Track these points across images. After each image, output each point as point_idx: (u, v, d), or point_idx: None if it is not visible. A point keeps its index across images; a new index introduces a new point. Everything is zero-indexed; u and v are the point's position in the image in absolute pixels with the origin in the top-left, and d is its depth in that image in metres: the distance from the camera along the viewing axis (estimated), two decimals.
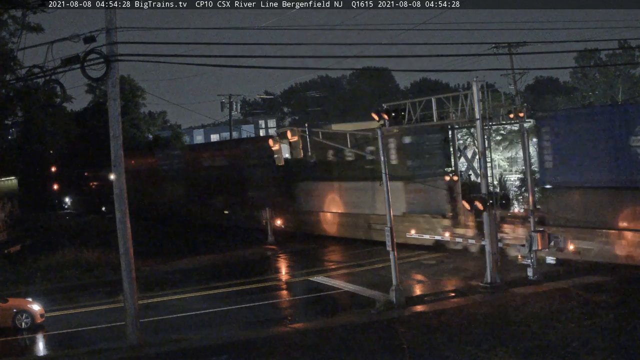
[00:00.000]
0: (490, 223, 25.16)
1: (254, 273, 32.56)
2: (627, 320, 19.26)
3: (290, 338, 21.14)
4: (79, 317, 25.94)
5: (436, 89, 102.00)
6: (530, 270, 25.77)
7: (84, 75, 19.64)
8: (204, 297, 27.97)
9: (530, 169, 26.86)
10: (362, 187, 37.64)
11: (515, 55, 52.10)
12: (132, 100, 73.09)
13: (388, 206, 24.25)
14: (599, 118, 27.84)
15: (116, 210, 20.91)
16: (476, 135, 26.11)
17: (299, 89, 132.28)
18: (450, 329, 20.13)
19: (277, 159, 27.07)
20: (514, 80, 54.79)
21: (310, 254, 37.21)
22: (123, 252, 20.87)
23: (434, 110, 26.63)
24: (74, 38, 19.36)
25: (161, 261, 37.01)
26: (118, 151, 20.79)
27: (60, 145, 60.55)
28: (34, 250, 40.21)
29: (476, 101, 25.09)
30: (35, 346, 23.36)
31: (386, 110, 26.27)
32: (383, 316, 22.53)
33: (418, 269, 30.46)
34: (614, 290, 22.95)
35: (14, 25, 38.69)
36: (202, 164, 55.32)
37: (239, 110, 79.16)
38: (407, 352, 18.44)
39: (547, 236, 26.09)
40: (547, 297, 22.91)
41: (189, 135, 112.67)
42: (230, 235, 45.12)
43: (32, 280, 32.42)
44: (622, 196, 26.01)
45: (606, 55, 76.77)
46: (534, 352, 17.23)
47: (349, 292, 27.16)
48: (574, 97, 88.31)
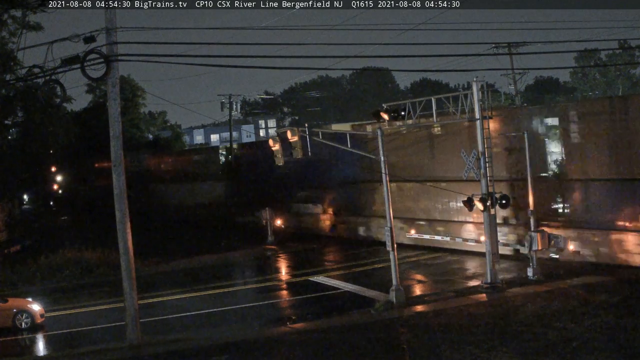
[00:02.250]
0: (490, 223, 25.17)
1: (254, 273, 32.58)
2: (627, 320, 19.27)
3: (290, 338, 21.14)
4: (79, 317, 25.94)
5: (436, 89, 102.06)
6: (530, 270, 25.79)
7: (84, 75, 19.64)
8: (203, 297, 27.97)
9: (530, 169, 26.83)
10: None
11: (515, 55, 52.14)
12: (132, 100, 73.11)
13: (388, 206, 24.25)
14: None
15: (116, 210, 20.89)
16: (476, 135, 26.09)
17: (299, 89, 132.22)
18: (450, 329, 20.13)
19: (277, 159, 27.08)
20: (514, 80, 54.80)
21: (310, 254, 37.23)
22: (123, 252, 20.87)
23: (434, 110, 26.65)
24: (74, 38, 19.35)
25: (161, 261, 37.01)
26: (118, 151, 20.79)
27: (60, 145, 60.51)
28: (34, 250, 40.22)
29: (476, 101, 25.10)
30: (35, 346, 23.35)
31: (386, 110, 26.28)
32: (383, 316, 22.54)
33: (418, 269, 30.47)
34: (614, 290, 22.96)
35: (14, 25, 38.70)
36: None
37: (239, 110, 79.09)
38: (407, 352, 18.45)
39: (547, 236, 26.13)
40: (547, 297, 22.91)
41: (189, 135, 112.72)
42: (231, 235, 45.21)
43: (32, 280, 32.45)
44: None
45: (606, 55, 76.88)
46: (534, 352, 17.22)
47: (349, 292, 27.16)
48: (574, 97, 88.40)
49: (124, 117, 48.51)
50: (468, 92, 25.76)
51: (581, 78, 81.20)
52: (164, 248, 40.87)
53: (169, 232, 50.39)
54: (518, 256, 28.81)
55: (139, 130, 76.44)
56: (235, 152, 58.49)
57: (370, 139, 30.89)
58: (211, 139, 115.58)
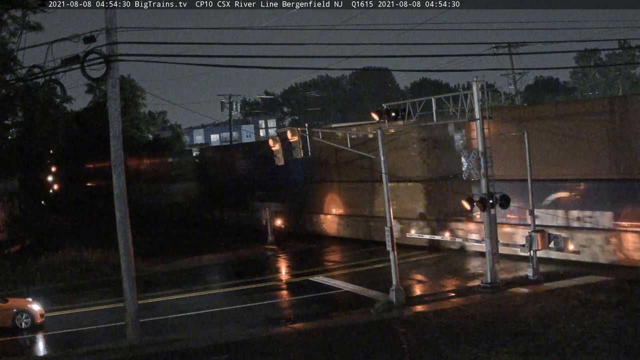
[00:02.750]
0: (490, 223, 25.17)
1: (254, 273, 32.58)
2: (627, 320, 19.27)
3: (290, 338, 21.14)
4: (79, 317, 25.94)
5: (436, 89, 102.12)
6: (530, 270, 25.79)
7: (84, 75, 19.64)
8: (203, 297, 27.97)
9: (530, 168, 26.82)
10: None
11: (515, 55, 52.14)
12: (132, 100, 73.11)
13: (388, 206, 24.25)
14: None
15: (116, 210, 20.89)
16: (476, 135, 26.10)
17: (299, 89, 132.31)
18: (450, 329, 20.13)
19: (277, 159, 27.08)
20: (514, 80, 54.78)
21: (310, 254, 37.24)
22: (123, 252, 20.86)
23: (434, 110, 26.64)
24: (74, 38, 19.35)
25: (161, 261, 37.01)
26: (118, 151, 20.78)
27: (60, 145, 60.59)
28: (34, 250, 40.21)
29: (476, 101, 25.11)
30: (35, 346, 23.35)
31: (386, 110, 26.29)
32: (383, 316, 22.54)
33: (418, 269, 30.47)
34: (614, 290, 22.96)
35: (14, 25, 38.69)
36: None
37: (239, 110, 79.21)
38: (407, 352, 18.45)
39: (547, 236, 26.12)
40: (547, 297, 22.92)
41: (189, 135, 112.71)
42: (231, 235, 45.25)
43: (32, 280, 32.43)
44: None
45: (606, 55, 76.94)
46: (534, 352, 17.23)
47: (349, 292, 27.15)
48: (574, 97, 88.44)
49: (124, 117, 48.66)
50: (468, 92, 25.77)
51: (581, 78, 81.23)
52: (164, 248, 40.91)
53: (169, 232, 50.47)
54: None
55: (139, 130, 76.41)
56: (209, 154, 63.08)
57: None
58: (211, 139, 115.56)
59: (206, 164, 60.36)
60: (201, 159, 62.94)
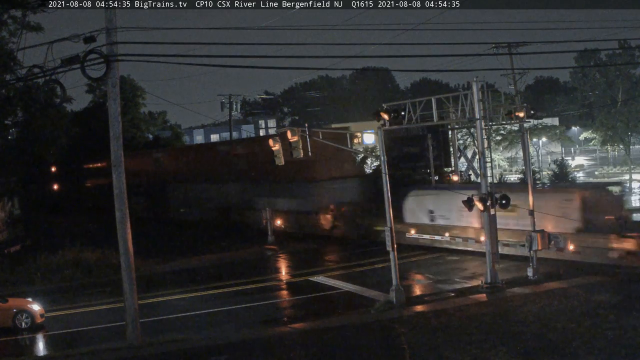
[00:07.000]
0: (490, 223, 25.16)
1: (254, 273, 32.57)
2: (627, 320, 19.26)
3: (290, 338, 21.13)
4: (79, 317, 25.94)
5: (436, 89, 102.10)
6: (530, 270, 25.78)
7: (84, 75, 19.63)
8: (204, 297, 27.97)
9: (530, 168, 26.85)
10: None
11: (515, 55, 52.02)
12: (132, 100, 73.13)
13: (388, 206, 24.25)
14: None
15: (116, 210, 20.87)
16: (476, 135, 26.12)
17: (299, 89, 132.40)
18: (451, 329, 20.12)
19: (277, 159, 27.06)
20: (514, 80, 54.65)
21: (310, 254, 37.22)
22: (123, 252, 20.85)
23: (434, 110, 26.62)
24: (74, 38, 19.34)
25: (161, 261, 37.00)
26: (118, 151, 20.77)
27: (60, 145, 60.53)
28: (34, 250, 40.18)
29: (476, 101, 25.10)
30: (35, 346, 23.35)
31: (386, 110, 26.25)
32: (383, 316, 22.53)
33: (418, 269, 30.47)
34: (614, 290, 22.95)
35: (14, 25, 38.60)
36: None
37: (239, 110, 79.17)
38: (407, 352, 18.44)
39: (547, 236, 26.11)
40: (547, 297, 22.90)
41: (189, 135, 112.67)
42: (231, 235, 45.22)
43: (32, 280, 32.41)
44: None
45: (606, 55, 76.79)
46: (534, 352, 17.22)
47: (349, 292, 27.16)
48: (574, 97, 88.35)
49: (124, 117, 48.43)
50: (468, 92, 25.76)
51: (581, 78, 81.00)
52: (164, 247, 40.88)
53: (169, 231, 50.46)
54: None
55: (139, 130, 76.43)
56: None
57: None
58: (211, 139, 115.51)
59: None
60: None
